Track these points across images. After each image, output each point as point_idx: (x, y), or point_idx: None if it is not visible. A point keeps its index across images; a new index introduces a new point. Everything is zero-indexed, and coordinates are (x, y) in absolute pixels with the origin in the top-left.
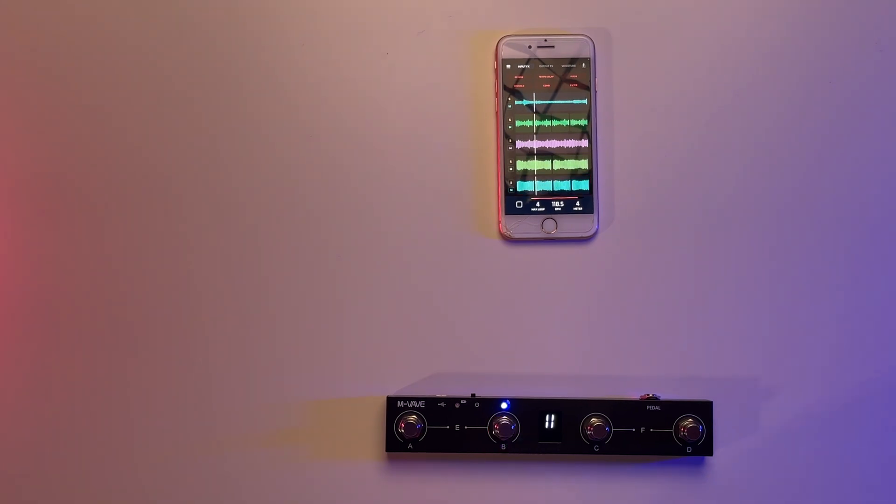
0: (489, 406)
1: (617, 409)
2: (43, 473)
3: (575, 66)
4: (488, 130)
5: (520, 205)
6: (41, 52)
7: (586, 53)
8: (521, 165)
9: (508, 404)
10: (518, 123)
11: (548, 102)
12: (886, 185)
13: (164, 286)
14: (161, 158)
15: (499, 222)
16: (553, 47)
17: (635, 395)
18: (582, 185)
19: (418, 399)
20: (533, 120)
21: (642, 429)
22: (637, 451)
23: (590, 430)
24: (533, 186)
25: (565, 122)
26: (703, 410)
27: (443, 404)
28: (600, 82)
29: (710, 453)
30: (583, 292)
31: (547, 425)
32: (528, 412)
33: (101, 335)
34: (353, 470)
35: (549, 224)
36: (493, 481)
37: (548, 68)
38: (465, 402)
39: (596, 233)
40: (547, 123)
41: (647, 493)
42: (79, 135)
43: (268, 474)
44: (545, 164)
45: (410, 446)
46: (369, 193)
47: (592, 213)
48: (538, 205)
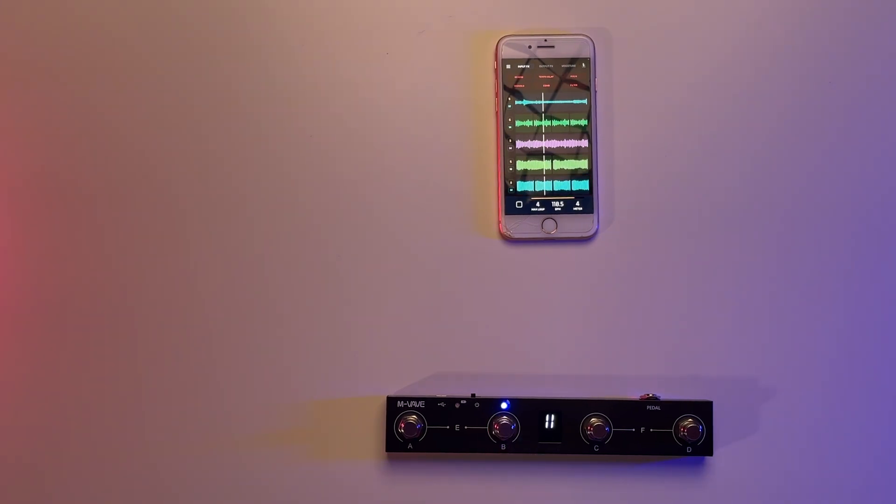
0: (489, 406)
1: (617, 409)
2: (43, 473)
3: (575, 66)
4: (488, 130)
5: (520, 205)
6: (41, 52)
7: (586, 53)
8: (521, 165)
9: (508, 404)
10: (518, 123)
11: (548, 102)
12: (886, 186)
13: (164, 286)
14: (161, 158)
15: (499, 222)
16: (553, 47)
17: (635, 395)
18: (582, 185)
19: (418, 399)
20: (533, 120)
21: (642, 429)
22: (637, 451)
23: (590, 430)
24: (533, 186)
25: (565, 122)
26: (703, 410)
27: (443, 404)
28: (600, 82)
29: (710, 453)
30: (583, 292)
31: (547, 425)
32: (528, 412)
33: (100, 335)
34: (353, 470)
35: (549, 224)
36: (493, 481)
37: (548, 68)
38: (465, 402)
39: (596, 233)
40: (547, 123)
41: (647, 493)
42: (79, 135)
43: (268, 474)
44: (545, 164)
45: (410, 446)
46: (369, 193)
47: (592, 213)
48: (538, 205)
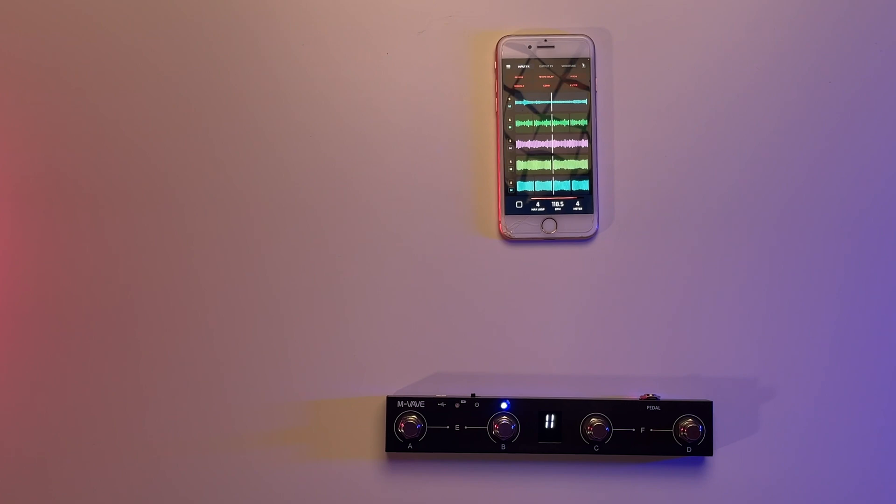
0: (489, 406)
1: (617, 409)
2: (45, 472)
3: (575, 66)
4: (488, 130)
5: (520, 205)
6: (41, 53)
7: (586, 53)
8: (521, 165)
9: (508, 404)
10: (518, 123)
11: (548, 102)
12: (886, 186)
13: (164, 286)
14: (162, 158)
15: (499, 222)
16: (553, 47)
17: (635, 395)
18: (582, 185)
19: (418, 399)
20: (533, 120)
21: (642, 429)
22: (637, 451)
23: (590, 430)
24: (533, 186)
25: (565, 122)
26: (703, 410)
27: (443, 404)
28: (600, 82)
29: (710, 453)
30: (583, 292)
31: (547, 425)
32: (527, 412)
33: (101, 334)
34: (353, 470)
35: (549, 224)
36: (493, 481)
37: (548, 68)
38: (465, 402)
39: (596, 233)
40: (547, 123)
41: (647, 493)
42: (80, 135)
43: (268, 474)
44: (545, 164)
45: (410, 446)
46: (369, 193)
47: (592, 213)
48: (538, 205)
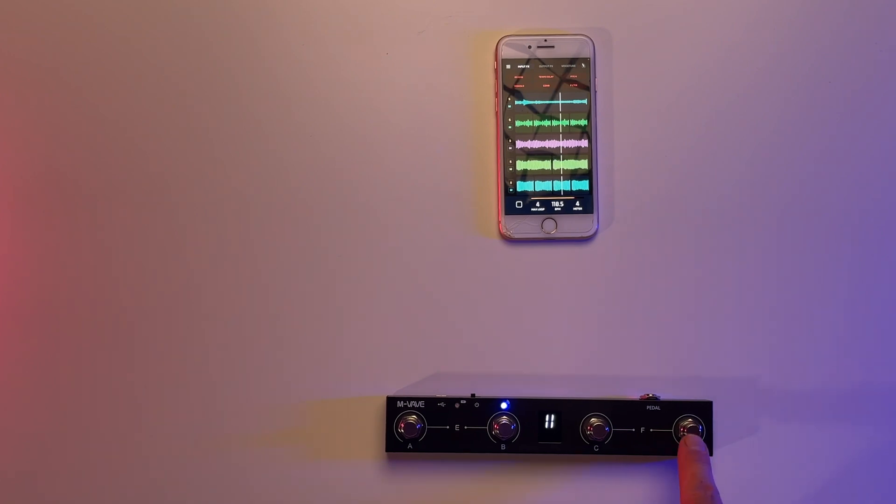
0: (489, 406)
1: (617, 409)
2: (42, 473)
3: (575, 66)
4: (488, 130)
5: (520, 205)
6: (41, 53)
7: (586, 53)
8: (521, 165)
9: (508, 404)
10: (518, 123)
11: (548, 102)
12: (887, 186)
13: (164, 286)
14: (161, 158)
15: (499, 222)
16: (553, 47)
17: (635, 395)
18: (582, 185)
19: (418, 399)
20: (533, 120)
21: (642, 429)
22: (637, 451)
23: (590, 430)
24: (533, 186)
25: (565, 122)
26: (703, 410)
27: (443, 404)
28: (600, 82)
29: (710, 453)
30: (583, 292)
31: (547, 425)
32: (527, 412)
33: (100, 335)
34: (353, 470)
35: (549, 224)
36: (493, 481)
37: (548, 68)
38: (464, 402)
39: (596, 233)
40: (547, 123)
41: (647, 493)
42: (79, 135)
43: (268, 474)
44: (545, 164)
45: (410, 446)
46: (369, 193)
47: (592, 213)
48: (538, 205)
